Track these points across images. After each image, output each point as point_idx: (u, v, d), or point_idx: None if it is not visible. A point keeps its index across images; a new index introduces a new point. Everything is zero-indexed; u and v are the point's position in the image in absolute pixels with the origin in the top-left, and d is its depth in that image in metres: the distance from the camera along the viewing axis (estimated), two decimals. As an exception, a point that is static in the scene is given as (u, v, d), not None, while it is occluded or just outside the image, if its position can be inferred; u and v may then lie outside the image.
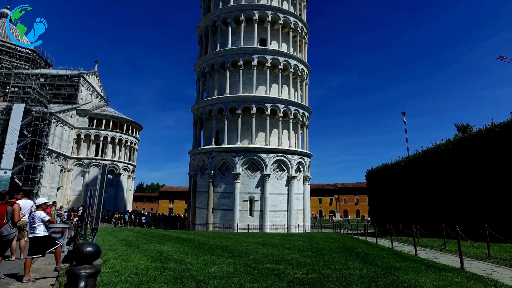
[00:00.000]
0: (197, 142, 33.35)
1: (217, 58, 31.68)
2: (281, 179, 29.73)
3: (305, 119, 33.26)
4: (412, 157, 20.16)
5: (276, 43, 32.36)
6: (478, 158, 13.74)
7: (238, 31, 32.13)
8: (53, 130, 45.26)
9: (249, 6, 31.98)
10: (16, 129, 40.10)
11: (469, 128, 31.63)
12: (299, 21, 34.25)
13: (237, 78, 30.90)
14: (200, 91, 34.28)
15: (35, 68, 56.65)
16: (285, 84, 32.59)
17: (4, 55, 56.01)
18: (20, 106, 41.11)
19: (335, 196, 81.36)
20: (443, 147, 16.54)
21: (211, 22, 33.45)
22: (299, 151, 31.55)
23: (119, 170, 54.43)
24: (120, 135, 54.80)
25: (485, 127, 14.23)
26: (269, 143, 29.78)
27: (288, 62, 31.94)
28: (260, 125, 30.09)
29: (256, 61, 30.59)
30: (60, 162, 48.05)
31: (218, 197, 29.31)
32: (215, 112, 30.61)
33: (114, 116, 54.61)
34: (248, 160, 28.98)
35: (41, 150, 41.63)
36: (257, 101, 29.83)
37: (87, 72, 58.49)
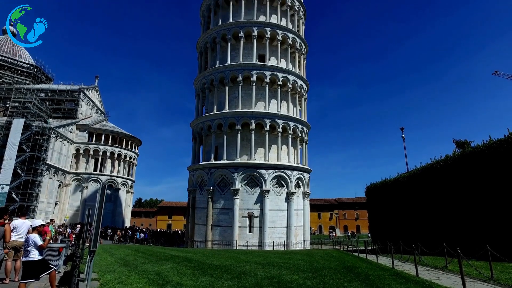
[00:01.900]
0: (196, 158, 33.31)
1: (216, 74, 32.00)
2: (281, 195, 29.57)
3: (304, 135, 33.36)
4: (411, 173, 20.10)
5: (275, 59, 32.76)
6: (477, 175, 13.72)
7: (237, 47, 32.57)
8: (52, 145, 45.23)
9: (248, 23, 32.52)
10: (15, 144, 40.05)
11: (467, 144, 31.70)
12: (297, 38, 34.77)
13: (236, 93, 31.14)
14: (199, 107, 34.47)
15: (36, 83, 57.10)
16: (284, 100, 32.83)
17: (5, 71, 56.50)
18: (20, 121, 41.20)
19: (334, 211, 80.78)
20: (442, 163, 16.52)
21: (211, 38, 33.94)
22: (298, 167, 31.51)
23: (117, 185, 54.13)
24: (120, 150, 54.76)
25: (483, 143, 14.26)
26: (268, 159, 29.77)
27: (287, 78, 32.27)
28: (259, 140, 30.14)
29: (255, 77, 30.91)
30: (59, 177, 47.81)
31: (217, 213, 29.07)
32: (214, 127, 30.70)
33: (113, 131, 54.71)
34: (247, 176, 28.89)
35: (40, 165, 41.49)
36: (256, 117, 29.98)
37: (87, 87, 58.92)
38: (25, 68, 58.38)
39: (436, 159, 17.39)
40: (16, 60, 58.36)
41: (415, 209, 18.12)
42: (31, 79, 57.47)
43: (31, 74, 58.15)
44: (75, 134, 51.90)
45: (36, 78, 58.60)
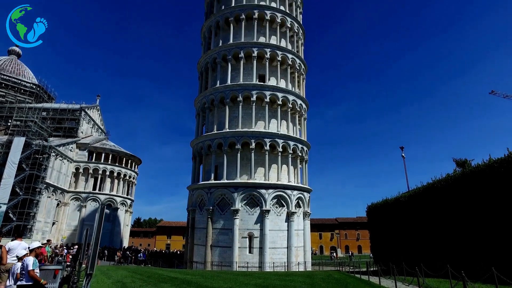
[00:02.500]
0: (196, 177, 33.18)
1: (216, 93, 32.34)
2: (281, 215, 29.26)
3: (304, 154, 33.36)
4: (412, 192, 19.97)
5: (274, 79, 33.19)
6: (479, 194, 13.63)
7: (237, 67, 33.06)
8: (52, 164, 45.15)
9: (248, 44, 33.15)
10: (15, 162, 40.00)
11: (467, 163, 31.66)
12: (296, 58, 35.36)
13: (236, 113, 31.36)
14: (199, 126, 34.64)
15: (38, 102, 57.66)
16: (284, 119, 33.04)
17: (9, 90, 57.19)
18: (20, 140, 41.32)
19: (335, 231, 79.73)
20: (443, 183, 16.43)
21: (211, 59, 34.50)
22: (299, 186, 31.33)
23: (116, 205, 53.67)
24: (119, 169, 54.61)
25: (483, 163, 14.24)
26: (268, 178, 29.63)
27: (287, 97, 32.59)
28: (259, 160, 30.11)
29: (255, 96, 31.22)
30: (57, 196, 47.46)
31: (216, 233, 28.67)
32: (214, 147, 30.74)
33: (113, 149, 54.74)
34: (247, 196, 28.68)
35: (39, 183, 41.29)
36: (256, 136, 30.07)
37: (88, 106, 59.42)
38: (28, 87, 59.09)
39: (437, 179, 17.32)
40: (19, 79, 59.18)
41: (417, 229, 17.88)
42: (34, 98, 58.07)
43: (34, 93, 58.82)
44: (75, 153, 51.91)
45: (38, 97, 59.23)
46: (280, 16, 35.11)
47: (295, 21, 36.93)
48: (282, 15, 35.39)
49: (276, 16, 34.89)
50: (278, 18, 34.88)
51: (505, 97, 74.13)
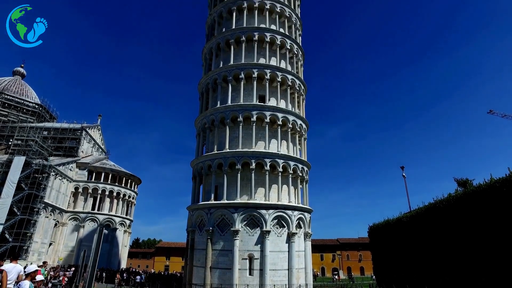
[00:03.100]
0: (196, 197, 32.95)
1: (217, 114, 32.58)
2: (281, 236, 28.83)
3: (305, 174, 33.26)
4: (414, 212, 19.77)
5: (274, 100, 33.53)
6: (481, 214, 13.49)
7: (237, 88, 33.46)
8: (51, 183, 45.00)
9: (248, 65, 33.67)
10: (14, 181, 39.90)
11: (469, 182, 31.47)
12: (296, 79, 35.85)
13: (236, 133, 31.49)
14: (200, 146, 34.72)
15: (40, 122, 58.21)
16: (284, 139, 33.13)
17: (12, 110, 57.86)
18: (20, 159, 41.37)
19: (337, 252, 78.33)
20: (445, 203, 16.30)
21: (212, 79, 34.98)
22: (299, 207, 31.04)
23: (115, 225, 53.09)
24: (119, 189, 54.35)
25: (485, 182, 14.18)
26: (269, 199, 29.41)
27: (287, 118, 32.81)
28: (259, 180, 29.96)
29: (255, 117, 31.43)
30: (55, 216, 47.01)
31: (216, 254, 28.17)
32: (214, 167, 30.68)
33: (113, 169, 54.67)
34: (247, 216, 28.37)
35: (37, 203, 41.02)
36: (257, 156, 30.06)
37: (89, 126, 59.87)
38: (31, 107, 59.79)
39: (439, 198, 17.20)
40: (22, 99, 59.97)
41: (420, 250, 17.58)
42: (36, 118, 58.63)
43: (36, 113, 59.46)
44: (75, 172, 51.81)
45: (40, 116, 59.80)
46: (279, 38, 35.88)
47: (295, 43, 37.71)
48: (282, 37, 36.16)
49: (276, 38, 35.64)
50: (278, 40, 35.63)
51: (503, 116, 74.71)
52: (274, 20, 37.59)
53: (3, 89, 59.55)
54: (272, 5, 37.17)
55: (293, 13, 39.34)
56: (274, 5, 37.26)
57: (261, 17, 36.96)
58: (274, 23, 37.37)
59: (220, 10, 38.04)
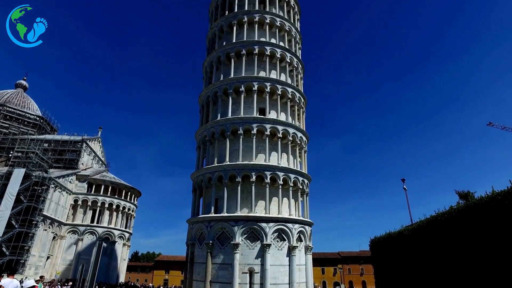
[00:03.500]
0: (196, 210, 32.73)
1: (217, 126, 32.67)
2: (282, 249, 28.51)
3: (305, 187, 33.12)
4: (416, 225, 19.61)
5: (275, 112, 33.67)
6: (484, 227, 13.37)
7: (238, 101, 33.65)
8: (50, 196, 44.78)
9: (248, 78, 33.94)
10: (13, 194, 39.70)
11: (470, 195, 31.33)
12: (296, 92, 36.09)
13: (236, 146, 31.50)
14: (200, 159, 34.69)
15: (41, 134, 58.42)
16: (284, 152, 33.13)
17: (13, 122, 58.13)
18: (20, 171, 41.28)
19: (338, 265, 77.30)
20: (447, 215, 16.18)
21: (212, 92, 35.20)
22: (300, 220, 30.80)
23: (114, 238, 52.56)
24: (118, 201, 54.06)
25: (487, 195, 14.12)
26: (269, 212, 29.20)
27: (287, 130, 32.89)
28: (259, 193, 29.81)
29: (255, 129, 31.50)
30: (54, 228, 46.61)
31: (216, 268, 27.79)
32: (214, 180, 30.58)
33: (113, 181, 54.49)
34: (247, 230, 28.11)
35: (36, 216, 40.71)
36: (257, 169, 29.99)
37: (90, 138, 59.99)
38: (32, 119, 60.07)
39: (440, 211, 17.08)
40: (24, 112, 60.31)
41: (423, 263, 17.35)
42: (37, 130, 58.86)
43: (37, 125, 59.75)
44: (74, 185, 51.63)
45: (41, 129, 60.05)
46: (279, 51, 36.29)
47: (295, 56, 38.12)
48: (282, 50, 36.57)
49: (276, 52, 36.05)
50: (278, 54, 36.02)
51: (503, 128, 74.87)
52: (274, 34, 38.12)
53: (5, 101, 59.96)
54: (272, 19, 37.75)
55: (293, 27, 39.91)
56: (274, 19, 37.85)
57: (261, 31, 37.48)
58: (274, 37, 37.88)
59: (220, 24, 38.62)
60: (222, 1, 40.46)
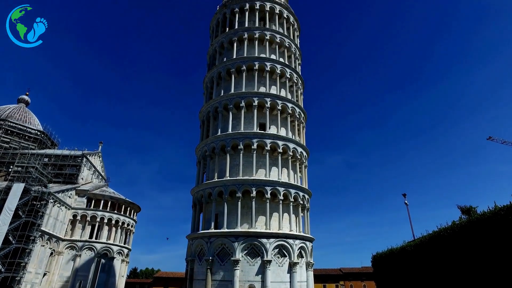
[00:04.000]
0: (196, 226, 32.43)
1: (217, 141, 32.74)
2: (283, 266, 28.09)
3: (306, 202, 32.93)
4: (418, 241, 19.44)
5: (275, 128, 33.81)
6: (486, 242, 13.25)
7: (238, 116, 33.85)
8: (49, 211, 44.43)
9: (249, 94, 34.24)
10: (11, 209, 39.36)
11: (472, 210, 31.14)
12: (296, 107, 36.35)
13: (237, 161, 31.49)
14: (200, 174, 34.63)
15: (41, 148, 58.52)
16: (285, 167, 33.10)
17: (14, 136, 58.28)
18: (19, 186, 41.07)
19: (340, 282, 75.99)
20: (449, 231, 16.05)
21: (213, 108, 35.45)
22: (301, 235, 30.49)
23: (113, 254, 51.83)
24: (118, 217, 53.61)
25: (489, 210, 14.06)
26: (270, 227, 28.94)
27: (287, 145, 32.94)
28: (260, 208, 29.62)
29: (255, 145, 31.55)
30: (51, 244, 46.03)
31: (216, 285, 27.31)
32: (214, 195, 30.42)
33: (113, 196, 54.19)
34: (248, 245, 27.77)
35: (33, 231, 40.22)
36: (257, 184, 29.88)
37: (90, 153, 59.99)
38: (33, 134, 60.27)
39: (443, 226, 16.97)
40: (25, 126, 60.56)
41: (426, 280, 17.12)
42: (37, 145, 58.98)
43: (38, 139, 59.91)
44: (73, 200, 51.32)
45: (42, 143, 60.17)
46: (279, 67, 36.75)
47: (294, 72, 38.59)
48: (282, 66, 37.05)
49: (276, 68, 36.51)
50: (277, 69, 36.47)
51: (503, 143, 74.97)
52: (274, 50, 38.71)
53: (7, 116, 60.31)
54: (272, 36, 38.41)
55: (293, 43, 40.55)
56: (274, 36, 38.50)
57: (261, 47, 38.05)
58: (274, 53, 38.45)
59: (221, 41, 39.26)
60: (222, 18, 41.29)
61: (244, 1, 40.24)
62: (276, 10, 40.65)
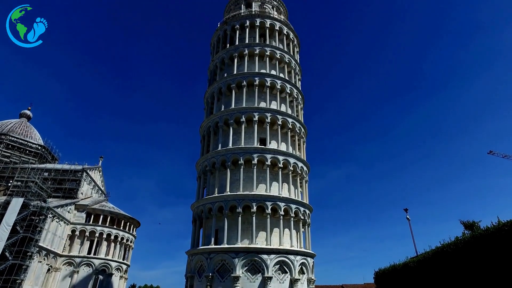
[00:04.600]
0: (196, 241, 32.05)
1: (218, 156, 32.74)
2: (284, 282, 27.60)
3: (307, 217, 32.65)
4: (421, 257, 19.16)
5: (275, 142, 33.85)
6: (490, 257, 13.06)
7: (238, 131, 33.95)
8: (47, 226, 44.05)
9: (249, 109, 34.46)
10: (10, 224, 39.02)
11: (476, 225, 30.76)
12: (296, 122, 36.51)
13: (237, 176, 31.40)
14: (200, 189, 34.48)
15: (41, 163, 58.53)
16: (285, 182, 32.98)
17: (15, 151, 58.43)
18: (18, 201, 40.86)
19: (342, 299, 74.32)
20: (452, 246, 15.85)
21: (213, 123, 35.59)
22: (302, 251, 30.09)
23: (111, 270, 51.07)
24: (117, 232, 53.08)
25: (492, 225, 13.93)
26: (270, 243, 28.59)
27: (288, 160, 32.91)
28: (260, 223, 29.34)
29: (256, 160, 31.52)
30: (49, 260, 45.40)
31: (215, 303, 26.75)
32: (215, 210, 30.20)
33: (112, 211, 53.81)
34: (248, 262, 27.37)
35: (31, 247, 39.76)
36: (258, 200, 29.70)
37: (90, 167, 59.92)
38: (33, 148, 60.43)
39: (446, 242, 16.77)
40: (26, 141, 60.77)
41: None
42: (38, 159, 59.04)
43: (38, 154, 59.95)
44: (73, 215, 50.93)
45: (42, 158, 60.22)
46: (280, 83, 37.11)
47: (294, 87, 38.94)
48: (282, 82, 37.42)
49: (276, 83, 36.86)
50: (278, 85, 36.81)
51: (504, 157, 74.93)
52: (274, 65, 39.19)
53: (8, 131, 60.60)
54: (272, 51, 38.96)
55: (292, 59, 41.09)
56: (274, 52, 39.05)
57: (261, 63, 38.52)
58: (274, 69, 38.90)
59: (222, 57, 39.80)
60: (223, 35, 41.99)
61: (244, 18, 41.04)
62: (276, 26, 41.38)
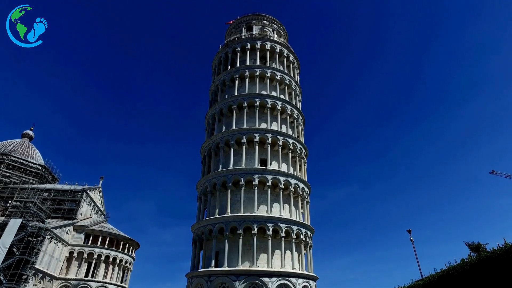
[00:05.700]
0: (196, 264, 31.42)
1: (219, 177, 32.62)
2: (285, 307, 26.80)
3: (308, 239, 32.14)
4: (426, 280, 18.64)
5: (276, 163, 33.79)
6: (498, 281, 12.73)
7: (239, 152, 33.96)
8: (45, 247, 43.33)
9: (250, 130, 34.61)
10: (6, 246, 38.40)
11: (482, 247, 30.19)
12: (297, 143, 36.57)
13: (238, 197, 31.17)
14: (201, 210, 34.15)
15: (42, 183, 58.27)
16: (287, 203, 32.68)
17: (15, 171, 58.34)
18: (16, 221, 40.37)
19: (346, 325, 71.92)
20: (458, 269, 15.49)
21: (214, 144, 35.68)
22: (304, 274, 29.42)
23: (108, 294, 49.70)
24: (115, 254, 52.15)
25: (499, 247, 13.69)
26: (272, 265, 28.01)
27: (289, 181, 32.74)
28: (261, 245, 28.86)
29: (257, 180, 31.38)
30: (45, 283, 44.37)
31: (215, 328, 25.91)
32: (215, 232, 29.79)
33: (111, 233, 53.07)
34: (249, 285, 26.71)
35: (27, 270, 38.94)
36: (259, 221, 29.34)
37: (90, 188, 59.60)
38: (34, 168, 60.35)
39: (451, 264, 16.41)
40: (27, 161, 60.79)
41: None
42: (38, 179, 58.82)
43: (39, 174, 59.80)
44: (71, 236, 50.22)
45: (42, 178, 60.06)
46: (280, 104, 37.47)
47: (295, 108, 39.28)
48: (283, 103, 37.78)
49: (277, 104, 37.21)
50: (278, 106, 37.15)
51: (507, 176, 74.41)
52: (274, 87, 39.68)
53: (10, 151, 60.75)
54: (272, 73, 39.57)
55: (293, 81, 41.66)
56: (274, 74, 39.65)
57: (262, 84, 39.03)
58: (274, 90, 39.37)
59: (223, 78, 40.38)
60: (224, 57, 42.79)
61: (245, 41, 41.94)
62: (276, 49, 42.20)
